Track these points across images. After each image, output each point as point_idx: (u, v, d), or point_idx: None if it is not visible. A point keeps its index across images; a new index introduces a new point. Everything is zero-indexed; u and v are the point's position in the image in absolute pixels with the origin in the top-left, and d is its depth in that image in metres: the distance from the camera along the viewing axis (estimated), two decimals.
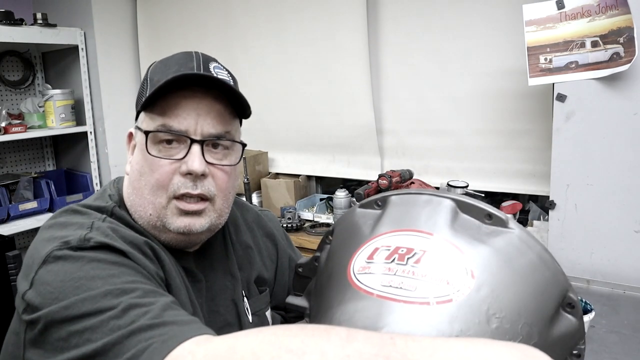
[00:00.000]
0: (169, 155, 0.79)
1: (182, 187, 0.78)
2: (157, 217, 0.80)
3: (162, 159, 0.78)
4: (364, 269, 0.53)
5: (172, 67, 0.80)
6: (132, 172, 0.83)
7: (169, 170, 0.79)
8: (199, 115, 0.79)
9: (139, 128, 0.82)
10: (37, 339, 0.65)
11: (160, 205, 0.79)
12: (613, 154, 1.55)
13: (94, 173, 2.95)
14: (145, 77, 0.84)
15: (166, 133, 0.78)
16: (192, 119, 0.78)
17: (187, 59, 0.82)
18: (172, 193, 0.79)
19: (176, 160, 0.79)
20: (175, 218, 0.80)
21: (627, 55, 1.48)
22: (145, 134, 0.79)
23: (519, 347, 0.43)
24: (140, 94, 0.83)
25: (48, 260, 0.68)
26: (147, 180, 0.79)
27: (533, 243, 0.54)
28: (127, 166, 0.86)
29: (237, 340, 0.49)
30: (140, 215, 0.81)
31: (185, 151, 0.78)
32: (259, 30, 2.65)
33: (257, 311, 0.96)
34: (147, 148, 0.78)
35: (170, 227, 0.80)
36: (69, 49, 2.86)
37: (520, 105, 2.01)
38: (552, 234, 1.69)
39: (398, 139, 2.40)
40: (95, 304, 0.61)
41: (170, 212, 0.80)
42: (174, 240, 0.83)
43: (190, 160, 0.78)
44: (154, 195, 0.79)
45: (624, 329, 1.27)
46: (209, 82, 0.79)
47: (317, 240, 2.19)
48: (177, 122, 0.78)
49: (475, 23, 2.07)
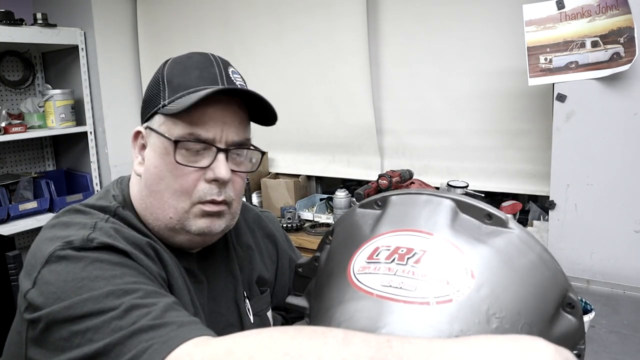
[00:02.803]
0: (193, 162, 0.79)
1: (208, 194, 0.79)
2: (177, 220, 0.80)
3: (186, 167, 0.79)
4: (364, 269, 0.53)
5: (192, 71, 0.80)
6: (147, 174, 0.82)
7: (194, 177, 0.79)
8: (225, 123, 0.80)
9: (155, 131, 0.81)
10: (39, 338, 0.65)
11: (182, 210, 0.80)
12: (613, 154, 1.55)
13: (94, 173, 2.95)
14: (160, 77, 0.82)
15: (195, 142, 0.78)
16: (218, 128, 0.79)
17: (208, 63, 0.82)
18: (197, 199, 0.80)
19: (201, 169, 0.79)
20: (197, 220, 0.81)
21: (628, 55, 1.48)
22: (174, 143, 0.78)
23: (518, 340, 0.43)
24: (155, 94, 0.82)
25: (51, 259, 0.68)
26: (169, 185, 0.79)
27: (533, 243, 0.54)
28: (137, 167, 0.84)
29: (235, 343, 0.50)
30: (157, 217, 0.81)
31: (210, 159, 0.79)
32: (259, 30, 2.65)
33: (259, 312, 0.96)
34: (174, 156, 0.78)
35: (191, 228, 0.81)
36: (69, 49, 2.86)
37: (520, 105, 2.01)
38: (552, 234, 1.69)
39: (398, 139, 2.40)
40: (98, 304, 0.61)
41: (193, 215, 0.80)
42: (188, 241, 0.83)
43: (218, 169, 0.79)
44: (177, 200, 0.80)
45: (624, 329, 1.27)
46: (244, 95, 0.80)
47: (317, 240, 2.19)
48: (205, 130, 0.78)
49: (475, 23, 2.07)
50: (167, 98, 0.80)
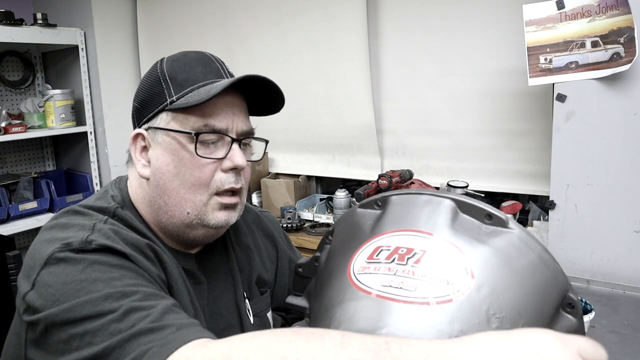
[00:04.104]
0: (209, 154, 0.80)
1: (226, 182, 0.81)
2: (195, 215, 0.81)
3: (204, 158, 0.80)
4: (364, 269, 0.53)
5: (194, 66, 0.81)
6: (158, 174, 0.81)
7: (211, 168, 0.80)
8: (234, 114, 0.82)
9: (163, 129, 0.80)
10: (38, 340, 0.65)
11: (201, 203, 0.81)
12: (613, 154, 1.55)
13: (94, 173, 2.95)
14: (161, 76, 0.82)
15: (211, 134, 0.80)
16: (229, 118, 0.81)
17: (207, 59, 0.84)
18: (215, 189, 0.81)
19: (217, 160, 0.81)
20: (216, 213, 0.82)
21: (628, 55, 1.48)
22: (195, 136, 0.79)
23: (519, 335, 0.43)
24: (156, 94, 0.81)
25: (50, 261, 0.68)
26: (185, 179, 0.80)
27: (533, 243, 0.54)
28: (141, 170, 0.83)
29: (233, 347, 0.50)
30: (173, 215, 0.81)
31: (225, 149, 0.81)
32: (259, 30, 2.65)
33: (259, 312, 0.96)
34: (195, 149, 0.79)
35: (209, 222, 0.82)
36: (69, 49, 2.86)
37: (520, 105, 2.01)
38: (552, 234, 1.69)
39: (398, 139, 2.40)
40: (96, 307, 0.61)
41: (211, 208, 0.81)
42: (204, 236, 0.84)
43: (235, 157, 0.81)
44: (194, 193, 0.80)
45: (624, 329, 1.27)
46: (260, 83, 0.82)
47: (317, 240, 2.20)
48: (218, 121, 0.80)
49: (475, 23, 2.07)
50: (173, 95, 0.80)
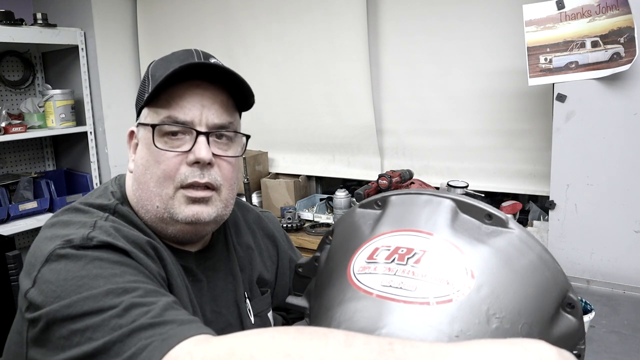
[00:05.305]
0: (174, 147, 0.79)
1: (190, 176, 0.79)
2: (164, 209, 0.80)
3: (167, 151, 0.79)
4: (364, 269, 0.53)
5: (173, 62, 0.81)
6: (136, 169, 0.83)
7: (176, 161, 0.79)
8: (204, 106, 0.80)
9: (142, 124, 0.83)
10: (40, 337, 0.65)
11: (167, 196, 0.80)
12: (613, 154, 1.55)
13: (94, 173, 2.95)
14: (145, 75, 0.85)
15: (172, 125, 0.79)
16: (197, 110, 0.79)
17: (187, 55, 0.83)
18: (180, 183, 0.79)
19: (182, 153, 0.79)
20: (183, 207, 0.80)
21: (628, 55, 1.48)
22: (152, 127, 0.79)
23: (521, 343, 0.43)
24: (141, 92, 0.84)
25: (51, 258, 0.68)
26: (153, 173, 0.80)
27: (533, 243, 0.54)
28: (130, 164, 0.86)
29: (236, 343, 0.50)
30: (147, 209, 0.81)
31: (191, 143, 0.79)
32: (259, 30, 2.65)
33: (259, 312, 0.96)
34: (153, 141, 0.79)
35: (178, 216, 0.80)
36: (69, 49, 2.86)
37: (520, 105, 2.01)
38: (552, 234, 1.69)
39: (398, 139, 2.40)
40: (97, 302, 0.61)
41: (178, 202, 0.80)
42: (181, 232, 0.83)
43: (198, 150, 0.78)
44: (161, 186, 0.80)
45: (624, 329, 1.27)
46: (213, 71, 0.79)
47: (317, 240, 2.20)
48: (183, 113, 0.79)
49: (476, 23, 2.07)
50: (149, 91, 0.81)
